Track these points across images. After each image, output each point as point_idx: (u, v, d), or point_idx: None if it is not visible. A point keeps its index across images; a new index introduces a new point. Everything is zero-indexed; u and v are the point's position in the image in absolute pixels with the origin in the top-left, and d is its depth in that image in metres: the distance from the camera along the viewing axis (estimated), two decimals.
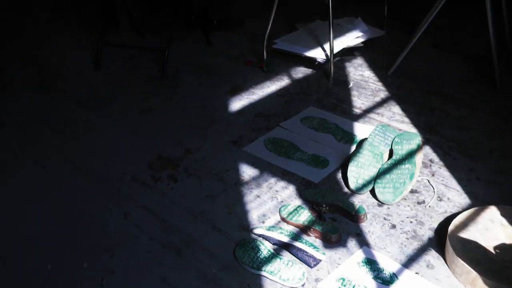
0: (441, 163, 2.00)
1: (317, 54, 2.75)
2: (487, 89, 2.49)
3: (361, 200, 1.83)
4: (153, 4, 3.36)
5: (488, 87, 2.51)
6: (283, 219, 1.74)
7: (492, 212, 1.65)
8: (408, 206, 1.79)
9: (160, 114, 2.41)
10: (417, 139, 1.93)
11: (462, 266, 1.45)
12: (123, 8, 3.18)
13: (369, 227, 1.70)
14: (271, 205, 1.82)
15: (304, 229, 1.69)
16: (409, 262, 1.55)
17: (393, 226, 1.70)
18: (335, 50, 2.69)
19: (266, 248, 1.59)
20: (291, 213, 1.75)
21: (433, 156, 2.04)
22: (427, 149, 2.08)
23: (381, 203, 1.81)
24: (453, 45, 2.95)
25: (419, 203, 1.80)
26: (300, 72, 2.76)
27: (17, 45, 3.14)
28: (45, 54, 3.00)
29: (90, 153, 2.13)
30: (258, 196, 1.86)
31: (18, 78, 2.76)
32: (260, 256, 1.57)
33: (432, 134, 2.18)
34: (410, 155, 1.88)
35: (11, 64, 2.90)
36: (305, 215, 1.73)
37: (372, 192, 1.85)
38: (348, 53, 2.90)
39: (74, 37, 3.22)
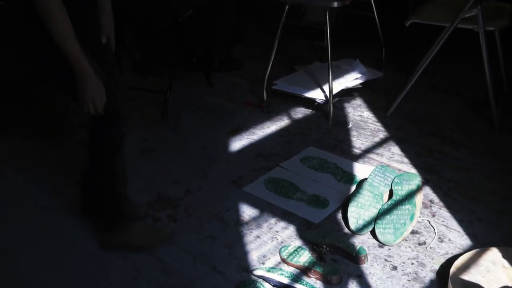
0: (441, 203, 2.00)
1: (317, 95, 2.78)
2: (485, 131, 2.51)
3: (362, 241, 1.82)
4: (155, 46, 3.43)
5: (486, 128, 2.53)
6: (284, 260, 1.73)
7: (494, 254, 1.64)
8: (409, 247, 1.78)
9: (161, 154, 2.42)
10: (417, 180, 1.94)
11: None
12: (126, 50, 3.24)
13: (370, 268, 1.69)
14: (271, 246, 1.81)
15: (304, 271, 1.67)
16: None
17: (394, 268, 1.69)
18: (334, 91, 2.73)
19: None
20: (291, 254, 1.73)
21: (433, 197, 2.04)
22: (427, 190, 2.08)
23: (381, 244, 1.79)
24: (450, 87, 2.99)
25: (420, 244, 1.79)
26: (300, 112, 2.79)
27: (19, 88, 3.18)
28: (48, 97, 3.04)
29: None
30: (258, 237, 1.85)
31: (20, 120, 2.79)
32: None
33: (431, 175, 2.18)
34: (410, 195, 1.88)
35: (12, 107, 2.93)
36: (305, 256, 1.72)
37: (373, 233, 1.84)
38: (347, 94, 2.93)
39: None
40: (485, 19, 2.33)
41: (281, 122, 2.69)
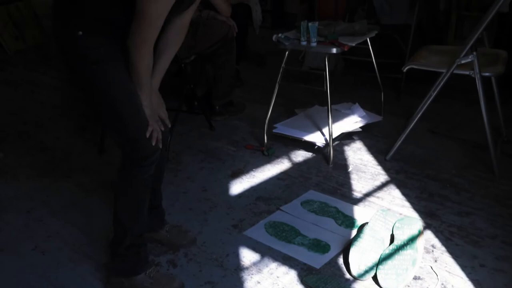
0: (444, 248, 1.99)
1: (317, 138, 2.81)
2: (485, 175, 2.52)
3: (364, 287, 1.80)
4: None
5: (485, 172, 2.54)
6: None
7: None
8: None
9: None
10: (418, 224, 1.93)
11: None
12: None
13: None
14: None
15: None
16: None
17: None
18: (334, 135, 2.75)
19: None
20: None
21: (435, 242, 2.03)
22: (429, 234, 2.07)
23: None
24: (449, 131, 3.02)
25: None
26: (300, 155, 2.80)
27: (23, 130, 3.22)
28: (51, 139, 3.06)
29: (88, 238, 2.12)
30: (258, 282, 1.83)
31: (21, 163, 2.80)
32: None
33: (433, 219, 2.18)
34: (412, 240, 1.87)
35: (16, 148, 2.95)
36: None
37: (375, 279, 1.82)
38: (347, 137, 2.96)
39: (79, 121, 3.30)
40: (481, 65, 2.38)
41: (282, 165, 2.70)
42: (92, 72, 1.58)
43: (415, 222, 1.94)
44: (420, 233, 1.90)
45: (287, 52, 2.75)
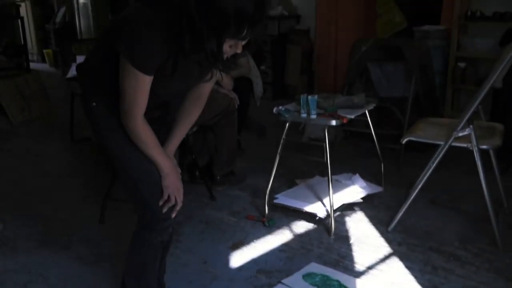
0: None
1: (318, 209, 2.80)
2: (488, 247, 2.50)
3: None
4: None
5: (488, 245, 2.51)
6: None
7: None
8: None
9: None
10: None
11: None
12: None
13: None
14: None
15: None
16: None
17: None
18: (335, 206, 2.75)
19: None
20: None
21: None
22: None
23: None
24: (450, 202, 3.02)
25: None
26: (301, 226, 2.78)
27: (24, 200, 3.22)
28: (51, 210, 3.06)
29: None
30: None
31: (20, 234, 2.78)
32: None
33: None
34: None
35: (16, 219, 2.94)
36: None
37: None
38: (348, 207, 2.95)
39: (81, 192, 3.31)
40: (478, 138, 2.42)
41: (283, 237, 2.68)
42: (106, 138, 1.71)
43: None
44: None
45: (287, 124, 2.81)
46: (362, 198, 2.97)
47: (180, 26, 1.44)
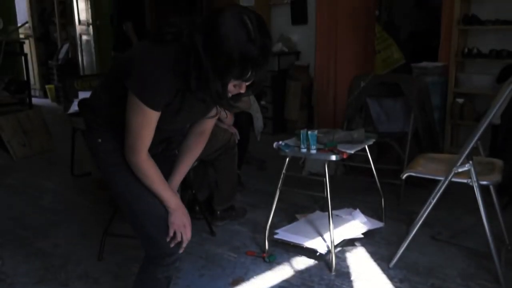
0: None
1: (318, 244, 2.78)
2: (490, 285, 2.47)
3: None
4: None
5: (491, 282, 2.48)
6: None
7: None
8: None
9: None
10: None
11: None
12: None
13: None
14: None
15: None
16: None
17: None
18: (336, 241, 2.73)
19: None
20: None
21: None
22: None
23: None
24: (451, 238, 2.99)
25: None
26: (302, 262, 2.76)
27: (22, 236, 3.20)
28: (50, 245, 3.03)
29: None
30: None
31: (19, 270, 2.75)
32: None
33: None
34: None
35: (14, 255, 2.92)
36: None
37: None
38: (349, 243, 2.93)
39: (80, 227, 3.29)
40: (478, 174, 2.42)
41: (283, 273, 2.65)
42: (111, 174, 1.73)
43: None
44: None
45: (287, 159, 2.82)
46: (363, 234, 2.95)
47: (187, 65, 1.49)
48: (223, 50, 1.42)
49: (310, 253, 2.80)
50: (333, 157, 2.66)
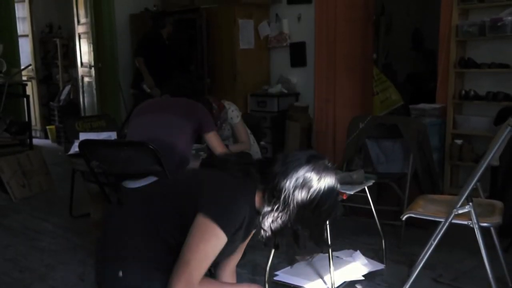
0: None
1: (318, 286, 2.75)
2: None
3: None
4: None
5: None
6: None
7: None
8: None
9: None
10: None
11: None
12: None
13: None
14: None
15: None
16: None
17: None
18: (336, 283, 2.70)
19: None
20: None
21: None
22: None
23: None
24: (453, 281, 2.95)
25: None
26: None
27: (18, 278, 3.15)
28: None
29: None
30: None
31: None
32: None
33: None
34: None
35: None
36: None
37: None
38: (350, 285, 2.89)
39: (79, 269, 3.25)
40: (478, 216, 2.42)
41: None
42: None
43: None
44: None
45: None
46: (363, 276, 2.92)
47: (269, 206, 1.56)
48: (318, 215, 1.56)
49: None
50: None
